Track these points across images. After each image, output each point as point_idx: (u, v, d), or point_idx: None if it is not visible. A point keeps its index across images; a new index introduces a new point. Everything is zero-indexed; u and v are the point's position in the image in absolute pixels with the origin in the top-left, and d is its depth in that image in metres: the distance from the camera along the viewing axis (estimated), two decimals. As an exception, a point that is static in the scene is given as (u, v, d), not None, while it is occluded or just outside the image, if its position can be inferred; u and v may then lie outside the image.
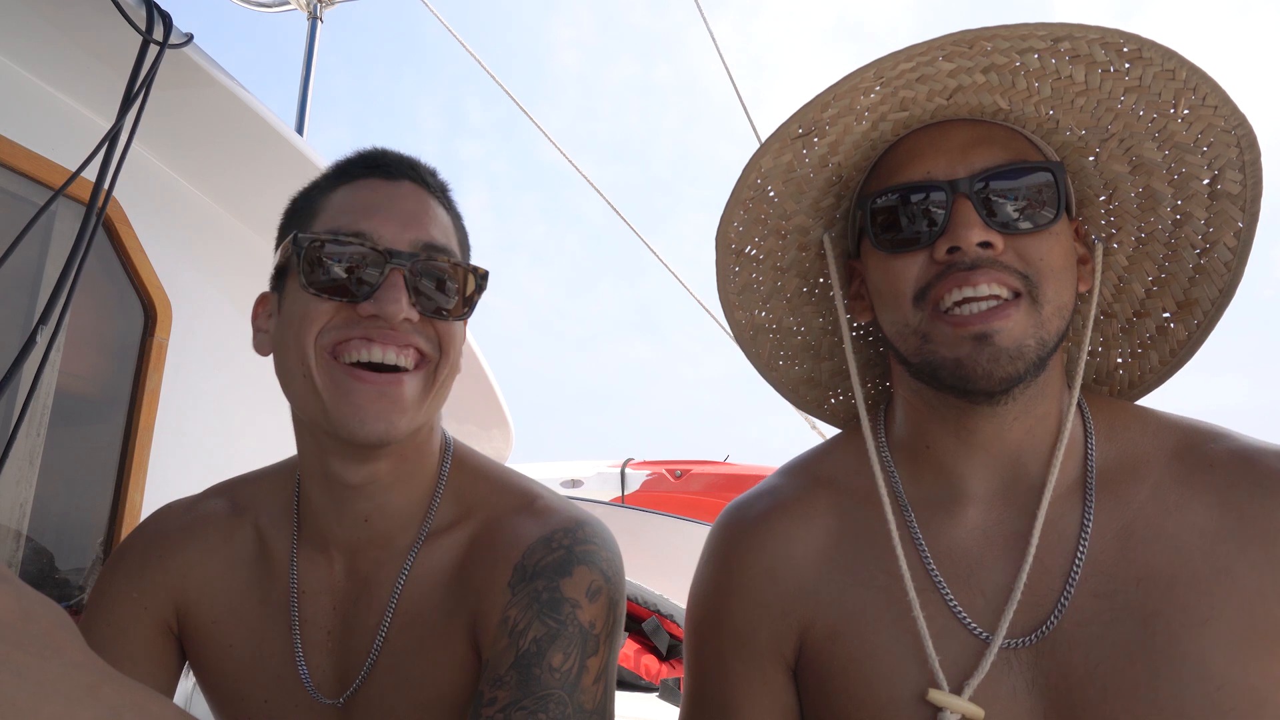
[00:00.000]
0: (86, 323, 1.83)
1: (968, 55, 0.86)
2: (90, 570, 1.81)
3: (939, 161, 0.89)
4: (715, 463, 6.16)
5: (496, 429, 3.27)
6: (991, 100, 0.90)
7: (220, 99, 1.76)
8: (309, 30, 3.33)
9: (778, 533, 0.99)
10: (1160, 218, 0.95)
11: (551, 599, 0.94)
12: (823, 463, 1.06)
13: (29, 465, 1.65)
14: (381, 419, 0.91)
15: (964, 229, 0.84)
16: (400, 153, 1.03)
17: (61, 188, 1.39)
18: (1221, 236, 0.93)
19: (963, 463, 0.94)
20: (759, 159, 0.95)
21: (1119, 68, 0.86)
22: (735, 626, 0.99)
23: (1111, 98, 0.88)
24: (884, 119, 0.92)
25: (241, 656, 1.05)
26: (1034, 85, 0.89)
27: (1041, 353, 0.85)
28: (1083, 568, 0.86)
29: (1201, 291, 0.96)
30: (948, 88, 0.89)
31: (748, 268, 1.07)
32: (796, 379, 1.16)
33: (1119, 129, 0.91)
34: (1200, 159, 0.90)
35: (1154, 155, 0.91)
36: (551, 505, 1.04)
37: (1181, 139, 0.89)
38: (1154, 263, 0.98)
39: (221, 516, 1.12)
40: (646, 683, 2.74)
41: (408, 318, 0.92)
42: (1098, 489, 0.90)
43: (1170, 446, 0.91)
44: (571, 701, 0.89)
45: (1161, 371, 1.02)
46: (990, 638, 0.87)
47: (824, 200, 1.02)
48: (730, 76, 4.02)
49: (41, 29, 1.55)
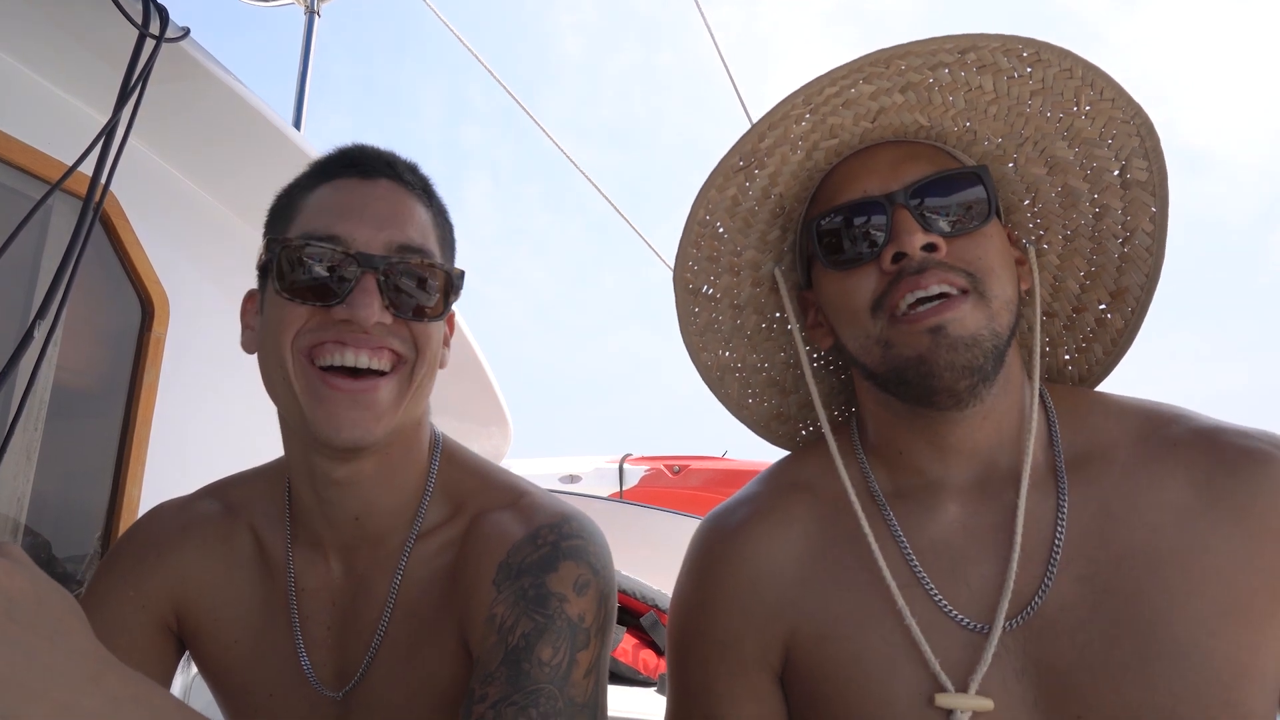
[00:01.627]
0: (84, 317, 1.82)
1: (885, 75, 0.91)
2: (88, 564, 1.81)
3: (873, 180, 0.94)
4: (713, 458, 6.17)
5: (495, 426, 3.27)
6: (913, 119, 0.95)
7: (217, 93, 1.76)
8: (306, 24, 3.32)
9: (756, 541, 1.00)
10: (1081, 213, 1.00)
11: (538, 594, 0.94)
12: (798, 468, 1.07)
13: (27, 460, 1.65)
14: (357, 426, 0.92)
15: (907, 235, 0.89)
16: (379, 150, 1.03)
17: (58, 182, 1.39)
18: (1139, 223, 0.97)
19: (936, 464, 0.96)
20: (706, 192, 1.00)
21: (1022, 72, 0.91)
22: (719, 637, 0.98)
23: (1020, 102, 0.93)
24: (816, 147, 0.98)
25: (244, 653, 1.06)
26: (949, 99, 0.94)
27: (996, 342, 0.88)
28: (1062, 552, 0.88)
29: (1130, 279, 1.00)
30: (871, 110, 0.95)
31: (707, 307, 1.10)
32: (767, 415, 1.19)
33: (1031, 132, 0.96)
34: (1107, 151, 0.95)
35: (1066, 154, 0.97)
36: (537, 502, 1.04)
37: (1088, 134, 0.94)
38: (1083, 257, 1.03)
39: (216, 517, 1.13)
40: (644, 677, 2.75)
41: (381, 321, 0.92)
42: (1068, 473, 0.93)
43: (1134, 429, 0.94)
44: (562, 695, 0.89)
45: (1106, 362, 1.06)
46: (983, 628, 0.88)
47: (770, 233, 1.06)
48: (726, 67, 4.01)
49: (38, 23, 1.55)
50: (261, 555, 1.09)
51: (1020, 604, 0.88)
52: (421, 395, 1.00)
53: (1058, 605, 0.86)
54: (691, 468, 5.97)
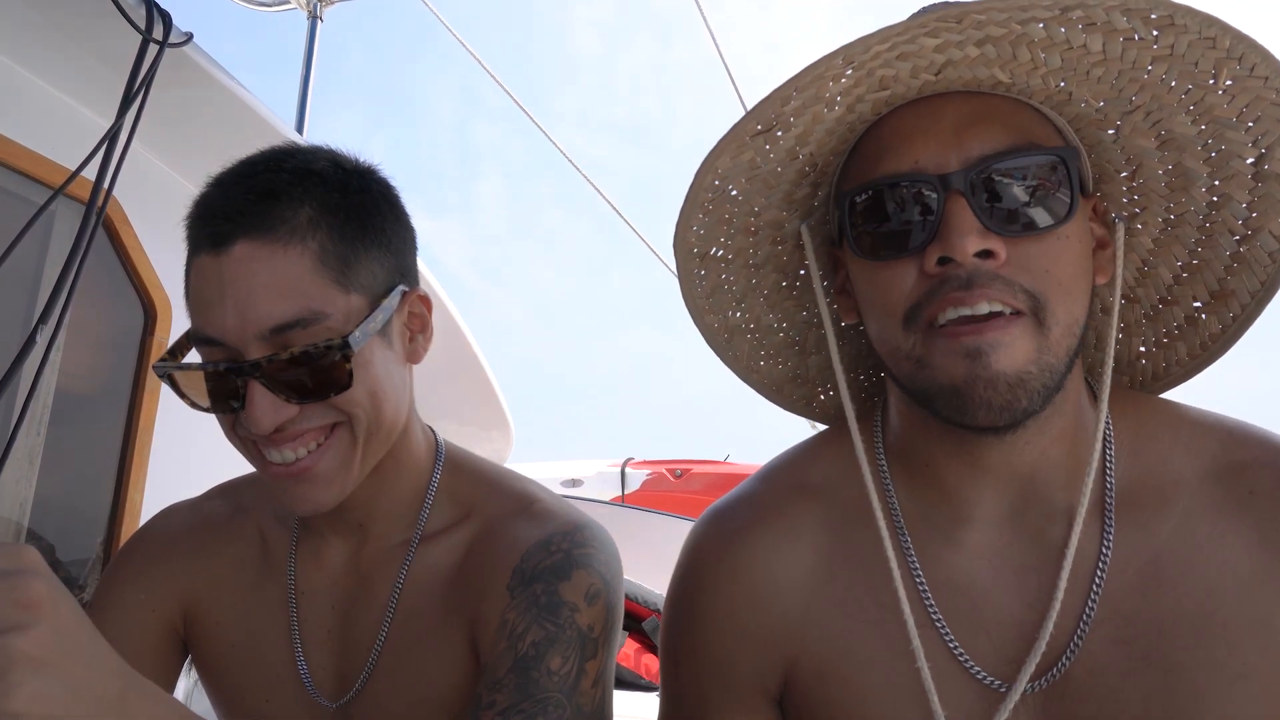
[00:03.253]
0: (86, 322, 1.83)
1: (957, 30, 0.72)
2: (90, 569, 1.81)
3: (928, 147, 0.75)
4: (715, 462, 6.17)
5: (496, 429, 3.27)
6: (989, 73, 0.76)
7: (220, 98, 1.76)
8: (308, 28, 3.33)
9: (758, 552, 0.89)
10: (1193, 199, 0.83)
11: (550, 602, 0.93)
12: (809, 467, 0.94)
13: (29, 464, 1.65)
14: (309, 500, 0.90)
15: (958, 236, 0.71)
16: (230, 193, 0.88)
17: (61, 187, 1.39)
18: (1267, 223, 0.81)
19: (966, 486, 0.82)
20: (714, 160, 0.82)
21: (1145, 36, 0.72)
22: (713, 655, 0.89)
23: (1136, 68, 0.74)
24: (861, 100, 0.78)
25: (243, 655, 1.06)
26: (1039, 56, 0.74)
27: (1047, 380, 0.73)
28: (1098, 607, 0.76)
29: (1240, 282, 0.85)
30: (935, 63, 0.75)
31: (715, 269, 0.95)
32: (780, 378, 1.04)
33: (1145, 100, 0.78)
34: (1244, 135, 0.77)
35: (1187, 130, 0.79)
36: (550, 508, 1.03)
37: (1221, 113, 0.76)
38: (1184, 247, 0.87)
39: (225, 518, 1.12)
40: (647, 682, 2.74)
41: (284, 420, 0.85)
42: (1118, 513, 0.79)
43: (1206, 463, 0.79)
44: (570, 704, 0.89)
45: (1190, 365, 0.91)
46: (1001, 686, 0.77)
47: (798, 192, 0.89)
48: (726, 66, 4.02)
49: (41, 28, 1.55)
50: (265, 555, 1.08)
51: (1047, 662, 0.77)
52: (378, 443, 0.94)
53: (1087, 668, 0.75)
54: (694, 471, 5.97)
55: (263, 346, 0.84)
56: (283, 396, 0.85)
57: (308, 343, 0.84)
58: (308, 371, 0.84)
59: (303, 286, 0.85)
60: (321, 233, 0.87)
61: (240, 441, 0.92)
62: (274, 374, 0.84)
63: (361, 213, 0.91)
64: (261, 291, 0.84)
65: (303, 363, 0.84)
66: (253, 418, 0.83)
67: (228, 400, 0.87)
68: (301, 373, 0.84)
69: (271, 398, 0.84)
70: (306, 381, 0.85)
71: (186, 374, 0.88)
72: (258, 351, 0.84)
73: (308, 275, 0.86)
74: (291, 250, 0.85)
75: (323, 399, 0.86)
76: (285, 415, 0.85)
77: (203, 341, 0.87)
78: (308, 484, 0.89)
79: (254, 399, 0.84)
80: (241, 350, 0.84)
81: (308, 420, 0.87)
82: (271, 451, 0.88)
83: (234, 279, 0.84)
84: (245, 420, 0.85)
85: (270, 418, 0.84)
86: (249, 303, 0.83)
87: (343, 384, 0.86)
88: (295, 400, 0.85)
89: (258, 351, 0.84)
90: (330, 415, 0.88)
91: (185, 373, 0.88)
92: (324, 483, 0.89)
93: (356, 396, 0.88)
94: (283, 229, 0.86)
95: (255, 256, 0.84)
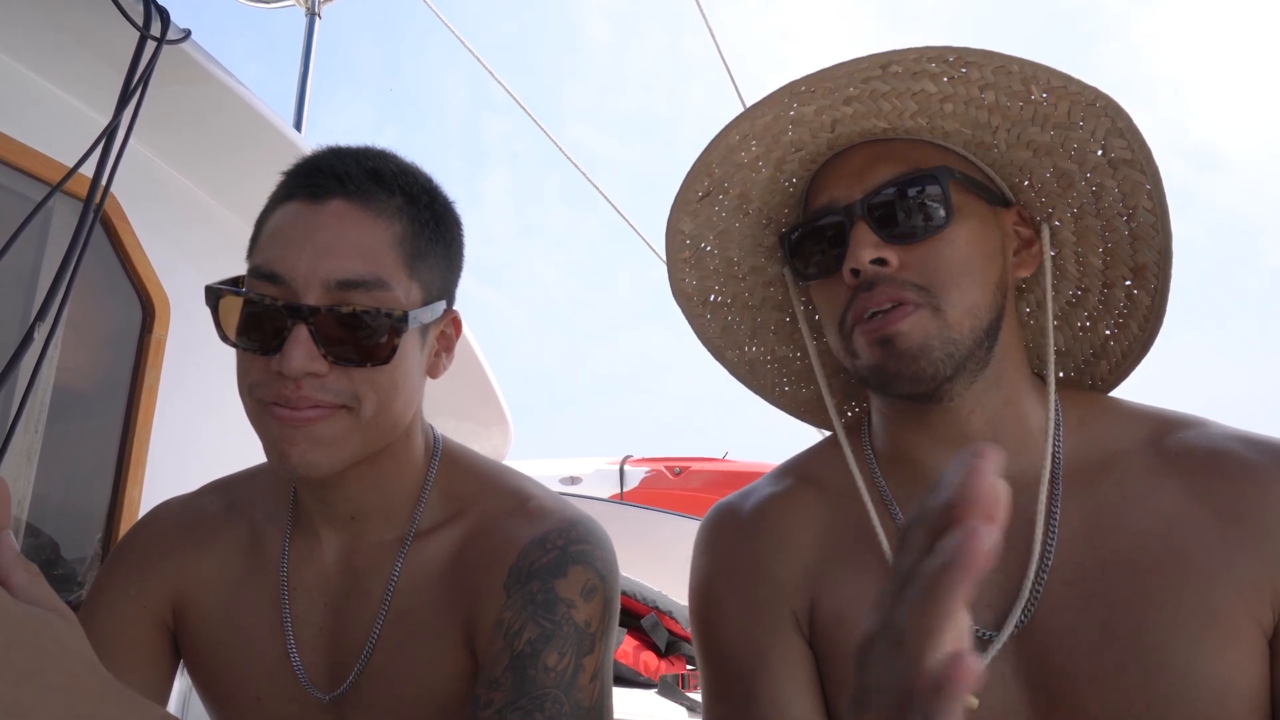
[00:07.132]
0: (84, 319, 1.82)
1: (824, 94, 0.88)
2: (89, 566, 1.81)
3: (840, 187, 0.93)
4: (714, 459, 6.18)
5: (495, 426, 3.27)
6: (872, 123, 0.92)
7: (218, 95, 1.76)
8: (306, 25, 3.32)
9: (775, 519, 1.00)
10: (1080, 192, 0.96)
11: (546, 599, 0.94)
12: (808, 464, 1.07)
13: (27, 461, 1.65)
14: (303, 459, 0.89)
15: (857, 249, 0.88)
16: (344, 157, 0.96)
17: (59, 183, 1.39)
18: (1138, 201, 0.94)
19: (933, 458, 0.95)
20: (675, 224, 0.98)
21: (956, 75, 0.88)
22: (748, 598, 0.97)
23: (972, 99, 0.90)
24: (786, 161, 0.95)
25: (234, 652, 1.05)
26: (897, 104, 0.90)
27: (950, 350, 0.87)
28: (1053, 556, 0.87)
29: (1145, 256, 0.97)
30: (825, 123, 0.91)
31: (720, 313, 1.08)
32: (807, 401, 1.16)
33: (999, 121, 0.92)
34: (1083, 132, 0.90)
35: (1043, 137, 0.92)
36: (545, 505, 1.03)
37: (1057, 118, 0.90)
38: (1096, 235, 0.99)
39: (218, 514, 1.12)
40: (645, 679, 2.74)
41: (313, 371, 0.87)
42: (1064, 479, 0.91)
43: (1143, 435, 0.92)
44: (568, 699, 0.89)
45: (1143, 339, 1.03)
46: (985, 633, 0.87)
47: (765, 240, 1.04)
48: (725, 63, 4.01)
49: (38, 24, 1.55)
50: (257, 551, 1.08)
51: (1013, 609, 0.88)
52: (378, 433, 0.95)
53: (1048, 609, 0.85)
54: (692, 469, 5.98)
55: (325, 296, 0.88)
56: (322, 350, 0.87)
57: (369, 305, 0.89)
58: (355, 335, 0.88)
59: (378, 254, 0.91)
60: (404, 221, 0.95)
61: (249, 391, 0.92)
62: (325, 325, 0.87)
63: (437, 222, 0.99)
64: (344, 245, 0.89)
65: (354, 325, 0.88)
66: (288, 354, 0.86)
67: (267, 338, 0.89)
68: (349, 334, 0.88)
69: (313, 346, 0.87)
70: (350, 344, 0.89)
71: (231, 302, 0.90)
72: (318, 300, 0.88)
73: (385, 248, 0.92)
74: (380, 223, 0.92)
75: (359, 365, 0.89)
76: (317, 367, 0.87)
77: (264, 278, 0.89)
78: (306, 442, 0.89)
79: (298, 339, 0.86)
80: (301, 294, 0.88)
81: (324, 389, 0.89)
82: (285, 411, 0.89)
83: (322, 225, 0.90)
84: (278, 361, 0.87)
85: (304, 362, 0.86)
86: (329, 250, 0.89)
87: (381, 358, 0.90)
88: (332, 359, 0.88)
89: (318, 300, 0.88)
90: (344, 395, 0.90)
91: (231, 301, 0.90)
92: (322, 444, 0.90)
93: (378, 380, 0.91)
94: (376, 204, 0.93)
95: (346, 215, 0.91)
